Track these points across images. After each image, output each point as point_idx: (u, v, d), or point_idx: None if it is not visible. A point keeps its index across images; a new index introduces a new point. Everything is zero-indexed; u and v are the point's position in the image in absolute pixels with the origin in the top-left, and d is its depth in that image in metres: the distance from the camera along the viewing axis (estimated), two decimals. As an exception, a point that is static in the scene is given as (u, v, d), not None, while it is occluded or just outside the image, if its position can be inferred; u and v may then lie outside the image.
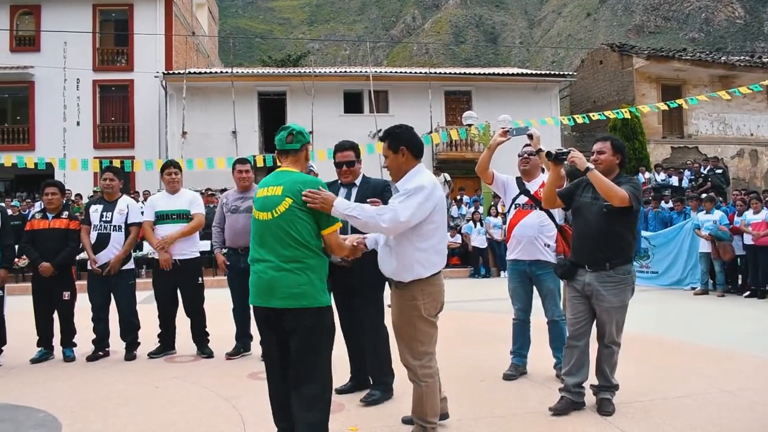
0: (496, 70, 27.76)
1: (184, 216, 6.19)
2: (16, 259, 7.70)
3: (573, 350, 4.31)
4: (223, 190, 18.47)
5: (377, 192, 4.43)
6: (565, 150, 4.26)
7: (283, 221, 3.26)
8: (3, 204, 13.24)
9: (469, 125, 18.10)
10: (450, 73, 25.25)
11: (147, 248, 12.96)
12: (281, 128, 3.62)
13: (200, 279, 6.31)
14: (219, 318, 6.61)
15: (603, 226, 4.16)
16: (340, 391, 4.78)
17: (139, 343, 6.28)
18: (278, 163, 3.62)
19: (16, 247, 6.60)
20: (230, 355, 6.06)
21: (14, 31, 24.37)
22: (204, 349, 6.22)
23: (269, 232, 3.30)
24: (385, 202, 3.84)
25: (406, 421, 3.99)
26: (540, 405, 4.38)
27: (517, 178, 5.18)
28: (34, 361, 6.11)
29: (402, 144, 3.63)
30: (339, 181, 4.65)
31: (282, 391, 3.35)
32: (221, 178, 20.35)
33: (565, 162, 4.26)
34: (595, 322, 4.32)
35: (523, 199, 5.06)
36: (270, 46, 68.39)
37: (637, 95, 24.78)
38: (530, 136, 4.83)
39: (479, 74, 25.24)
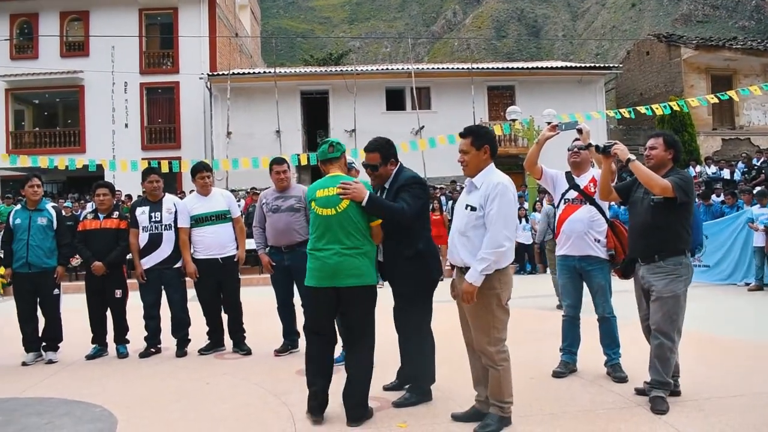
0: (540, 64, 27.46)
1: (222, 216, 6.27)
2: (71, 258, 7.89)
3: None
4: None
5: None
6: (611, 143, 4.33)
7: (344, 216, 4.04)
8: (56, 205, 13.60)
9: (513, 120, 17.90)
10: (492, 68, 25.05)
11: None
12: (321, 142, 4.39)
13: (238, 275, 6.40)
14: (262, 316, 6.69)
15: (650, 219, 4.23)
16: (387, 388, 4.82)
17: (189, 340, 6.38)
18: (321, 168, 4.36)
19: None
20: (278, 352, 6.11)
21: (64, 37, 25.02)
22: (242, 346, 6.28)
23: (332, 225, 4.05)
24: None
25: (456, 417, 4.05)
26: (591, 403, 4.31)
27: (566, 172, 5.10)
28: (89, 357, 6.28)
29: (486, 142, 3.91)
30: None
31: (326, 353, 4.15)
32: (265, 177, 20.61)
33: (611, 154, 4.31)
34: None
35: (572, 194, 4.98)
36: (311, 45, 68.86)
37: (686, 86, 24.20)
38: (579, 131, 4.77)
39: (522, 68, 24.98)
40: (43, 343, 6.28)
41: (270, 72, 24.01)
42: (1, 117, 24.71)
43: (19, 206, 6.42)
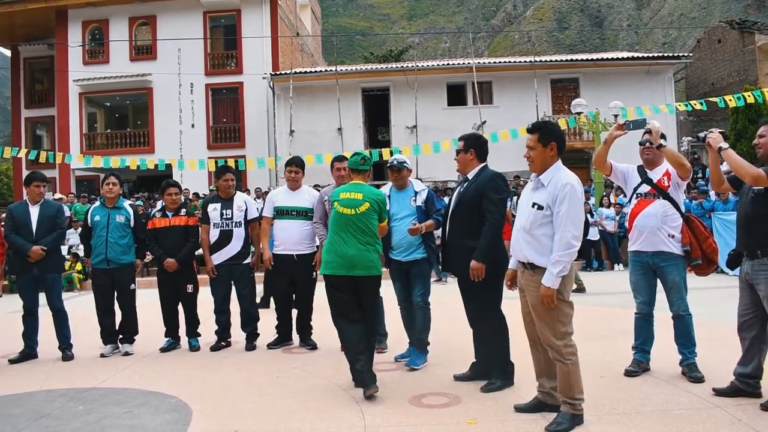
0: (605, 55, 26.78)
1: (303, 213, 6.28)
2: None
3: (743, 341, 4.26)
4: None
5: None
6: (707, 132, 4.29)
7: (362, 217, 4.74)
8: (133, 203, 14.08)
9: (578, 113, 17.53)
10: (555, 61, 24.60)
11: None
12: (355, 153, 5.10)
13: (314, 274, 6.44)
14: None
15: (750, 211, 4.10)
16: (458, 378, 4.90)
17: (258, 334, 6.51)
18: (350, 173, 5.08)
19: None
20: (345, 347, 6.16)
21: (133, 42, 25.85)
22: (308, 341, 6.36)
23: (351, 224, 4.73)
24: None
25: (519, 409, 4.06)
26: (665, 404, 4.17)
27: (638, 166, 4.96)
28: (163, 350, 6.49)
29: (553, 139, 3.87)
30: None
31: (354, 326, 4.72)
32: (328, 174, 20.84)
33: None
34: None
35: (645, 188, 4.84)
36: (370, 43, 69.15)
37: (760, 75, 23.23)
38: (649, 131, 4.64)
39: (587, 60, 24.45)
40: (120, 336, 6.52)
41: (331, 70, 24.22)
42: (75, 120, 25.73)
43: (97, 203, 6.65)
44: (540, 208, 3.80)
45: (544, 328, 3.82)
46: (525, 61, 24.06)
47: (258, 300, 7.08)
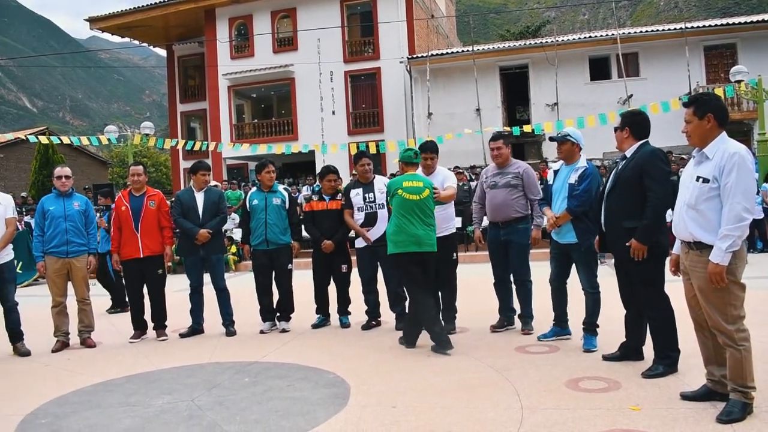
0: (766, 17, 24.48)
1: None
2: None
3: None
4: (471, 168, 18.78)
5: None
6: None
7: (425, 201, 5.59)
8: (287, 187, 14.76)
9: (738, 82, 16.17)
10: (709, 26, 22.73)
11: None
12: (407, 149, 5.98)
13: (455, 255, 6.39)
14: (479, 292, 6.68)
15: None
16: (606, 358, 4.79)
17: (405, 314, 6.56)
18: (402, 166, 6.01)
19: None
20: (495, 328, 6.10)
21: (276, 34, 26.92)
22: (451, 323, 6.27)
23: (417, 208, 5.55)
24: None
25: (686, 396, 3.84)
26: None
27: None
28: (314, 326, 6.80)
29: (709, 111, 3.65)
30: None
31: (427, 295, 5.63)
32: (467, 156, 20.70)
33: None
34: None
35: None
36: (504, 20, 67.72)
37: None
38: None
39: (745, 23, 22.39)
40: (277, 314, 6.84)
41: (468, 50, 23.93)
42: (225, 111, 27.27)
43: (254, 189, 7.00)
44: (705, 181, 3.56)
45: (713, 311, 3.58)
46: (675, 29, 22.42)
47: None
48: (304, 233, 7.09)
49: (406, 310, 6.54)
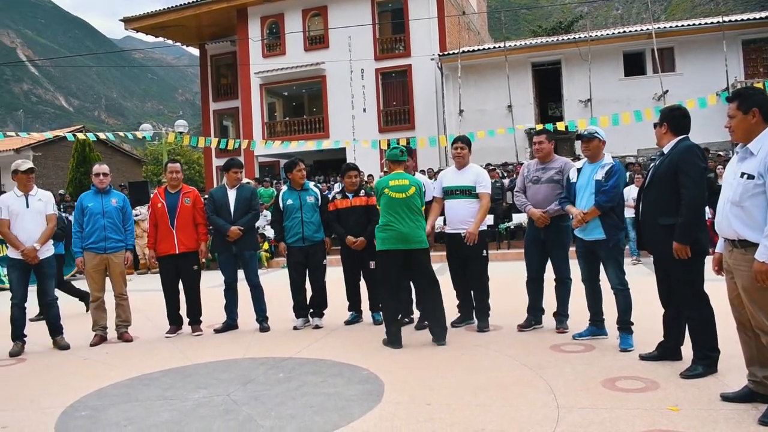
0: (808, 10, 23.88)
1: (467, 192, 6.19)
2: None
3: None
4: (503, 164, 18.67)
5: None
6: None
7: (411, 199, 5.72)
8: (318, 185, 14.81)
9: (778, 76, 15.80)
10: (748, 20, 22.21)
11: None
12: (393, 147, 6.09)
13: (485, 252, 6.32)
14: (510, 290, 6.63)
15: None
16: (644, 357, 4.71)
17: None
18: (389, 165, 6.11)
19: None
20: (522, 327, 6.05)
21: (307, 33, 27.05)
22: (484, 321, 6.26)
23: (403, 206, 5.69)
24: None
25: (727, 398, 3.75)
26: None
27: None
28: (347, 323, 6.81)
29: (755, 105, 3.57)
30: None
31: (394, 296, 5.81)
32: (499, 153, 20.60)
33: None
34: None
35: None
36: (536, 16, 67.18)
37: None
38: None
39: (786, 16, 21.90)
40: (311, 310, 6.87)
41: (500, 46, 23.78)
42: (257, 109, 27.52)
43: (285, 188, 7.03)
44: (750, 177, 3.47)
45: (757, 311, 3.48)
46: (712, 23, 21.98)
47: None
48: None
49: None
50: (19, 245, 6.18)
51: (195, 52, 33.94)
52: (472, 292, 6.38)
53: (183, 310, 6.96)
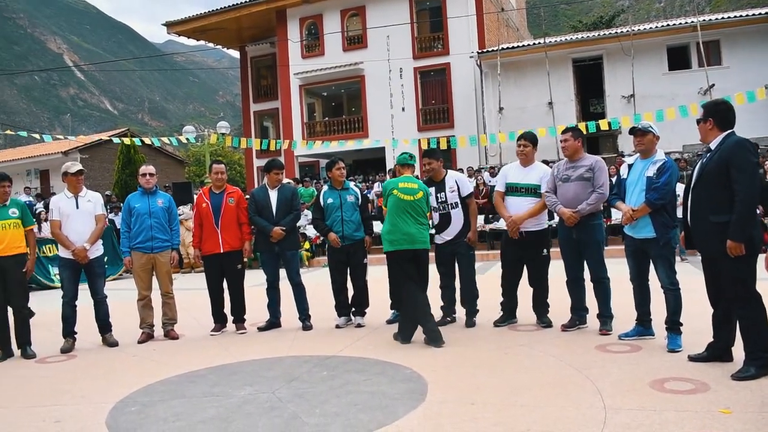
0: None
1: (532, 191, 6.13)
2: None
3: None
4: (543, 162, 18.44)
5: None
6: None
7: (418, 202, 5.99)
8: (359, 184, 14.89)
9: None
10: (798, 10, 21.59)
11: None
12: (402, 153, 6.40)
13: (545, 251, 6.25)
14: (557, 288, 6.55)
15: None
16: (693, 359, 4.60)
17: (477, 311, 6.53)
18: (398, 169, 6.45)
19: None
20: (566, 327, 5.97)
21: (345, 33, 27.15)
22: (543, 318, 6.25)
23: (410, 208, 5.94)
24: None
25: None
26: None
27: None
28: (389, 321, 6.79)
29: None
30: None
31: (420, 291, 5.88)
32: (540, 150, 20.33)
33: None
34: None
35: None
36: (575, 11, 66.27)
37: None
38: None
39: (837, 6, 21.19)
40: (353, 309, 6.89)
41: (540, 43, 23.51)
42: (297, 110, 27.74)
43: (326, 187, 7.07)
44: None
45: None
46: (760, 14, 21.36)
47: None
48: (376, 229, 7.13)
49: (477, 307, 6.53)
50: (69, 245, 6.37)
51: (235, 54, 34.35)
52: (532, 291, 6.32)
53: (227, 309, 7.06)
